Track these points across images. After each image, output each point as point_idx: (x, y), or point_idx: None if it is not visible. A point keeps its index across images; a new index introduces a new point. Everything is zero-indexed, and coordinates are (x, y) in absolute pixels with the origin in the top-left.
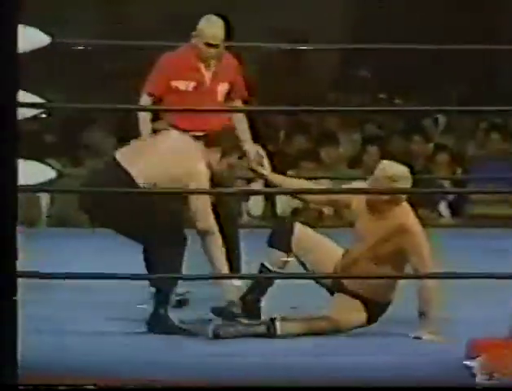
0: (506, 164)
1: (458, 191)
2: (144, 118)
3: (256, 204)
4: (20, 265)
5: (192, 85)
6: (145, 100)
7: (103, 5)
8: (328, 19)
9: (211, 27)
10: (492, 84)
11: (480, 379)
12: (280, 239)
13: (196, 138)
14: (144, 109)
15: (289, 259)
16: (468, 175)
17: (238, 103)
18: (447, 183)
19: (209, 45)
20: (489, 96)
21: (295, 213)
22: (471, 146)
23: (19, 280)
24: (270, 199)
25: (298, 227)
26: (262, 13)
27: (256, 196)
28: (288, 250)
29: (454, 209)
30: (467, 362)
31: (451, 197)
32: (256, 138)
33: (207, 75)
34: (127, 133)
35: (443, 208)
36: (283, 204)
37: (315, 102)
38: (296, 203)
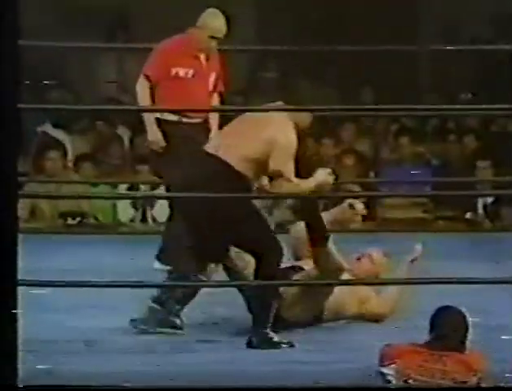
0: (418, 168)
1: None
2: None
3: (162, 210)
4: None
5: (191, 72)
6: (142, 82)
7: None
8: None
9: (216, 21)
10: (404, 87)
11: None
12: None
13: (192, 125)
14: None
15: None
16: (380, 179)
17: (216, 95)
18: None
19: (212, 37)
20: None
21: None
22: (383, 149)
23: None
24: None
25: None
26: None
27: (162, 202)
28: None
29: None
30: (381, 369)
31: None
32: None
33: (204, 64)
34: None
35: None
36: None
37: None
38: None
